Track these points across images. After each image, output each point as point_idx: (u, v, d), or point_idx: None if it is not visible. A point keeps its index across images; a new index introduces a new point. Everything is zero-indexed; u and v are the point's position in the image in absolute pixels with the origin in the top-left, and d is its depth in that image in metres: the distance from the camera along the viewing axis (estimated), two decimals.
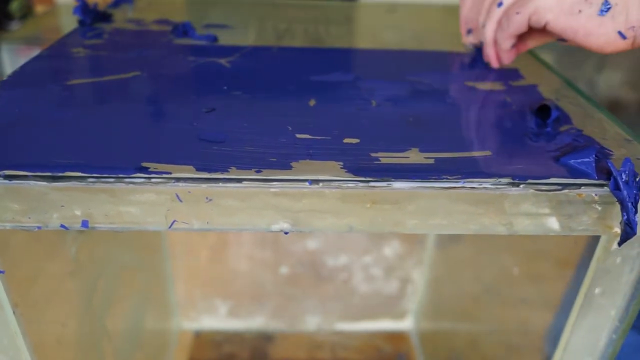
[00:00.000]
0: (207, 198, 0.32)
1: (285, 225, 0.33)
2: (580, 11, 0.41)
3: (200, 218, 0.33)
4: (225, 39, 0.57)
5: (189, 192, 0.32)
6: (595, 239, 0.37)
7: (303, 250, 1.06)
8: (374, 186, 0.32)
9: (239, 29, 0.63)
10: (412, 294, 1.10)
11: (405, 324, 1.13)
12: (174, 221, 0.33)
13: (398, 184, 0.32)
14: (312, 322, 1.12)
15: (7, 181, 0.31)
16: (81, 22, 0.61)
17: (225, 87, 0.45)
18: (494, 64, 0.50)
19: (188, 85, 0.45)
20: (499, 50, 0.48)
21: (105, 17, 0.63)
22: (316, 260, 1.07)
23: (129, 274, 0.77)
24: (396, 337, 1.11)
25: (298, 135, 0.37)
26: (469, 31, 0.53)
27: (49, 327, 0.48)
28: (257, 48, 0.54)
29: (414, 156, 0.34)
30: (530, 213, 0.33)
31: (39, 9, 1.04)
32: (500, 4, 0.46)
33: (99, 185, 0.31)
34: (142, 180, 0.31)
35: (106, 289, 0.65)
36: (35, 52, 0.52)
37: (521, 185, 0.32)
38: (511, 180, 0.32)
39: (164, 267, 0.99)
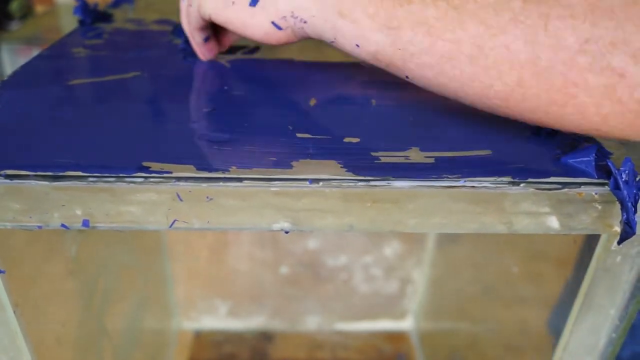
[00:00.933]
0: (207, 197, 0.32)
1: (286, 225, 0.33)
2: (233, 2, 0.41)
3: (200, 217, 0.33)
4: None
5: (190, 191, 0.32)
6: (595, 238, 0.37)
7: (303, 250, 1.06)
8: (374, 185, 0.32)
9: None
10: (412, 294, 1.10)
11: (405, 324, 1.13)
12: (174, 220, 0.33)
13: (398, 183, 0.32)
14: (312, 322, 1.12)
15: (7, 181, 0.31)
16: (81, 22, 0.61)
17: (225, 87, 0.45)
18: (200, 55, 0.49)
19: (188, 85, 0.45)
20: (195, 44, 0.48)
21: (105, 17, 0.63)
22: (316, 260, 1.07)
23: (129, 273, 0.77)
24: (396, 337, 1.11)
25: (298, 135, 0.37)
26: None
27: (49, 327, 0.48)
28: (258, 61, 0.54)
29: (414, 155, 0.34)
30: (530, 212, 0.33)
31: (39, 9, 1.04)
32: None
33: (100, 185, 0.31)
34: (143, 179, 0.31)
35: (106, 289, 0.65)
36: (35, 52, 0.52)
37: (521, 184, 0.32)
38: (511, 179, 0.32)
39: (163, 267, 0.99)
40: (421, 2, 0.33)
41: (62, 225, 0.33)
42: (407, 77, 0.36)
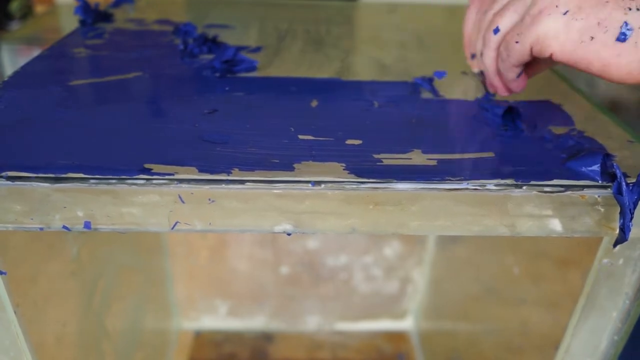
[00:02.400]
0: (209, 199, 0.32)
1: (288, 227, 0.33)
2: (592, 38, 0.33)
3: (202, 219, 0.33)
4: (227, 39, 0.57)
5: (192, 193, 0.32)
6: (598, 240, 0.37)
7: (303, 250, 1.06)
8: (376, 187, 0.32)
9: (241, 29, 0.62)
10: (412, 294, 1.10)
11: (405, 324, 1.13)
12: (176, 222, 0.33)
13: (401, 185, 0.32)
14: (312, 322, 1.12)
15: (9, 182, 0.31)
16: (82, 22, 0.61)
17: (227, 88, 0.45)
18: (502, 93, 0.43)
19: (190, 85, 0.45)
20: (505, 81, 0.42)
21: (106, 17, 0.63)
22: (316, 260, 1.07)
23: (129, 273, 0.77)
24: (396, 337, 1.11)
25: (300, 137, 0.36)
26: (473, 56, 0.47)
27: (49, 327, 0.48)
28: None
29: (416, 157, 0.34)
30: (533, 214, 0.33)
31: (39, 9, 1.04)
32: (496, 31, 0.39)
33: (102, 187, 0.31)
34: (145, 181, 0.31)
35: (106, 289, 0.65)
36: (35, 52, 0.52)
37: (524, 187, 0.32)
38: (514, 182, 0.32)
39: (163, 267, 0.99)
40: None
41: (64, 227, 0.32)
42: None
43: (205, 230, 0.33)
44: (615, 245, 0.33)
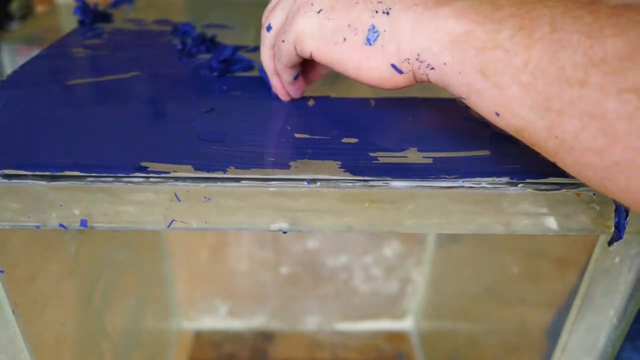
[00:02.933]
0: (205, 197, 0.32)
1: (284, 225, 0.33)
2: (344, 39, 0.33)
3: (199, 217, 0.33)
4: (226, 39, 0.57)
5: (188, 191, 0.32)
6: (594, 239, 0.37)
7: (303, 250, 1.06)
8: (372, 186, 0.32)
9: (240, 29, 0.63)
10: (412, 294, 1.10)
11: (405, 324, 1.13)
12: (172, 220, 0.33)
13: (396, 184, 0.32)
14: (312, 322, 1.12)
15: (6, 180, 0.31)
16: (81, 22, 0.61)
17: (224, 87, 0.45)
18: (282, 97, 0.41)
19: (188, 85, 0.45)
20: (284, 83, 0.40)
21: (105, 17, 0.63)
22: (316, 260, 1.07)
23: (128, 273, 0.77)
24: (396, 337, 1.11)
25: (297, 135, 0.37)
26: None
27: (48, 327, 0.48)
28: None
29: (412, 156, 0.34)
30: (529, 212, 0.33)
31: (39, 9, 1.04)
32: (268, 28, 0.38)
33: (98, 185, 0.31)
34: (141, 179, 0.31)
35: (105, 289, 0.65)
36: (35, 52, 0.52)
37: (519, 185, 0.32)
38: (509, 180, 0.32)
39: (163, 266, 0.99)
40: (600, 88, 0.24)
41: (60, 225, 0.33)
42: (556, 162, 0.28)
43: (201, 229, 0.33)
44: (610, 243, 0.33)
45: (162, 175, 0.31)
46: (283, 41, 0.36)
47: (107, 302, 0.66)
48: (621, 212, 0.31)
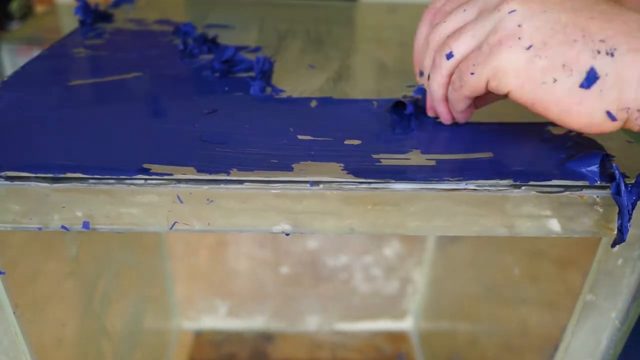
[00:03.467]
0: (208, 199, 0.32)
1: (287, 227, 0.33)
2: (555, 80, 0.30)
3: (201, 219, 0.33)
4: (227, 39, 0.57)
5: (190, 193, 0.32)
6: (597, 240, 0.37)
7: (303, 250, 1.06)
8: (375, 188, 0.32)
9: (241, 29, 0.62)
10: (412, 294, 1.10)
11: (405, 324, 1.13)
12: (175, 222, 0.33)
13: (399, 186, 0.32)
14: (312, 322, 1.12)
15: (8, 182, 0.31)
16: (82, 22, 0.61)
17: (226, 88, 0.45)
18: (445, 121, 0.39)
19: (189, 86, 0.45)
20: (452, 110, 0.37)
21: (106, 17, 0.63)
22: (316, 260, 1.07)
23: (128, 273, 0.77)
24: (396, 337, 1.11)
25: (299, 137, 0.36)
26: (421, 73, 0.41)
27: (48, 327, 0.48)
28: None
29: (415, 158, 0.34)
30: (532, 215, 0.33)
31: (39, 9, 1.04)
32: (449, 56, 0.34)
33: (100, 187, 0.31)
34: (143, 181, 0.31)
35: (106, 289, 0.65)
36: (35, 52, 0.52)
37: (523, 187, 0.32)
38: (512, 182, 0.32)
39: (163, 266, 0.99)
40: None
41: (63, 227, 0.32)
42: None
43: (204, 231, 0.33)
44: (613, 245, 0.33)
45: (165, 177, 0.31)
46: (472, 74, 0.32)
47: (108, 302, 0.66)
48: (624, 214, 0.31)
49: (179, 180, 0.31)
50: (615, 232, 0.34)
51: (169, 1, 0.75)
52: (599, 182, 0.33)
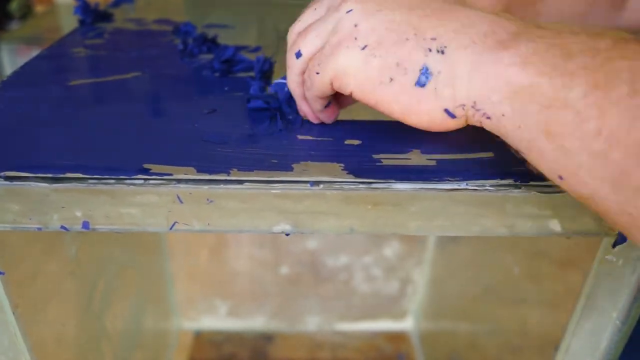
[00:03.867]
0: (208, 199, 0.32)
1: (287, 227, 0.33)
2: (391, 79, 0.30)
3: (201, 219, 0.33)
4: (227, 39, 0.57)
5: (190, 193, 0.31)
6: (597, 240, 0.37)
7: (303, 250, 1.06)
8: (375, 188, 0.32)
9: (240, 29, 0.62)
10: (412, 294, 1.10)
11: (405, 324, 1.13)
12: (174, 223, 0.33)
13: (400, 186, 0.32)
14: (312, 322, 1.12)
15: (7, 182, 0.31)
16: (82, 22, 0.61)
17: (226, 88, 0.44)
18: (312, 120, 0.38)
19: (189, 85, 0.45)
20: (313, 110, 0.37)
21: (105, 16, 0.63)
22: (316, 260, 1.07)
23: (128, 273, 0.77)
24: (396, 337, 1.11)
25: (299, 137, 0.36)
26: None
27: (48, 327, 0.48)
28: None
29: (415, 157, 0.34)
30: (532, 215, 0.33)
31: (39, 9, 1.04)
32: (298, 54, 0.34)
33: (100, 187, 0.31)
34: (143, 181, 0.31)
35: (106, 289, 0.65)
36: (35, 52, 0.52)
37: (523, 187, 0.32)
38: (513, 182, 0.32)
39: (163, 267, 0.99)
40: None
41: (62, 227, 0.32)
42: (626, 235, 0.26)
43: (204, 231, 0.33)
44: (614, 245, 0.33)
45: (165, 177, 0.31)
46: (317, 73, 0.32)
47: (108, 303, 0.66)
48: None
49: (178, 180, 0.31)
50: (616, 232, 0.34)
51: (169, 1, 0.75)
52: None
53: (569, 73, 0.25)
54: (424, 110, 0.30)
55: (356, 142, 0.36)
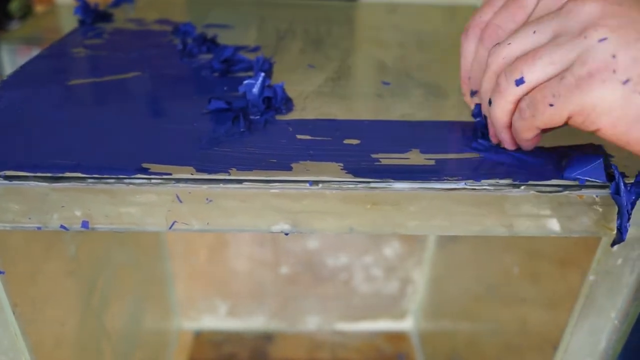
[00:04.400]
0: (207, 199, 0.32)
1: (286, 227, 0.33)
2: None
3: (200, 219, 0.33)
4: (226, 38, 0.57)
5: (189, 193, 0.32)
6: (596, 240, 0.37)
7: (303, 250, 1.06)
8: (374, 187, 0.32)
9: (240, 29, 0.62)
10: (412, 294, 1.10)
11: (405, 324, 1.13)
12: (174, 222, 0.33)
13: (399, 185, 0.32)
14: (312, 322, 1.12)
15: (7, 182, 0.31)
16: (82, 22, 0.61)
17: (225, 88, 0.44)
18: (509, 147, 0.35)
19: (189, 85, 0.45)
20: (516, 137, 0.33)
21: (105, 16, 0.63)
22: (316, 260, 1.07)
23: (128, 273, 0.77)
24: (396, 337, 1.11)
25: (298, 136, 0.36)
26: (474, 93, 0.39)
27: (48, 327, 0.48)
28: None
29: (414, 157, 0.34)
30: (531, 214, 0.33)
31: (39, 9, 1.04)
32: (519, 82, 0.30)
33: (100, 186, 0.31)
34: (143, 181, 0.31)
35: (105, 289, 0.65)
36: (35, 52, 0.52)
37: (522, 187, 0.32)
38: (512, 182, 0.32)
39: (163, 266, 0.99)
40: None
41: (62, 226, 0.32)
42: None
43: (203, 230, 0.33)
44: (613, 245, 0.33)
45: (164, 176, 0.31)
46: (552, 105, 0.28)
47: (107, 302, 0.66)
48: (624, 214, 0.31)
49: (178, 180, 0.31)
50: (615, 231, 0.34)
51: (169, 1, 0.75)
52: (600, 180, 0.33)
53: None
54: None
55: (355, 141, 0.36)
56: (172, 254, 1.01)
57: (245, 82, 0.39)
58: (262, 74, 0.38)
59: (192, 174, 0.32)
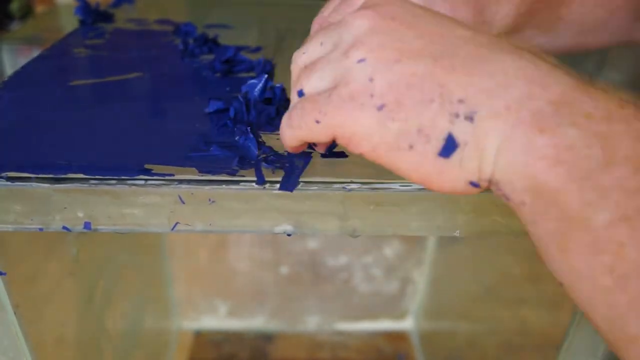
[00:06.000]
0: (210, 200, 0.32)
1: (288, 227, 0.33)
2: (411, 147, 0.25)
3: (203, 220, 0.33)
4: (227, 39, 0.57)
5: (192, 194, 0.31)
6: None
7: (303, 250, 1.06)
8: (377, 188, 0.32)
9: (241, 29, 0.62)
10: (412, 294, 1.10)
11: (405, 324, 1.13)
12: (176, 223, 0.33)
13: (401, 186, 0.32)
14: (312, 322, 1.12)
15: (9, 183, 0.31)
16: (82, 22, 0.61)
17: (227, 88, 0.44)
18: (284, 145, 0.31)
19: (190, 86, 0.45)
20: (283, 141, 0.31)
21: (106, 16, 0.63)
22: (316, 260, 1.07)
23: (128, 273, 0.77)
24: (396, 337, 1.11)
25: None
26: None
27: (49, 328, 0.48)
28: None
29: None
30: None
31: (39, 9, 1.04)
32: (300, 93, 0.29)
33: (102, 187, 0.31)
34: (145, 182, 0.31)
35: (106, 289, 0.65)
36: (35, 52, 0.52)
37: None
38: None
39: (163, 266, 0.99)
40: None
41: (64, 227, 0.32)
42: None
43: (206, 231, 0.33)
44: None
45: (166, 177, 0.31)
46: (317, 122, 0.27)
47: (108, 302, 0.66)
48: None
49: (180, 181, 0.31)
50: None
51: (170, 1, 0.75)
52: None
53: (601, 189, 0.22)
54: (446, 180, 0.26)
55: None
56: (172, 254, 1.01)
57: (250, 81, 0.39)
58: (266, 76, 0.38)
59: (194, 175, 0.32)
